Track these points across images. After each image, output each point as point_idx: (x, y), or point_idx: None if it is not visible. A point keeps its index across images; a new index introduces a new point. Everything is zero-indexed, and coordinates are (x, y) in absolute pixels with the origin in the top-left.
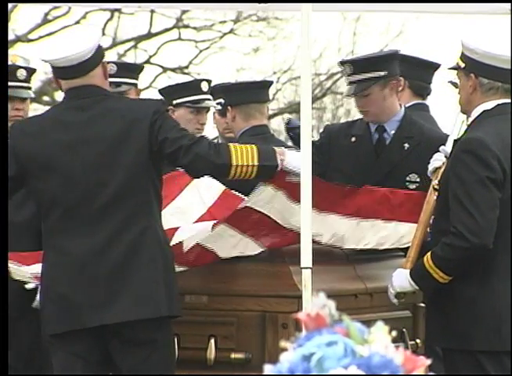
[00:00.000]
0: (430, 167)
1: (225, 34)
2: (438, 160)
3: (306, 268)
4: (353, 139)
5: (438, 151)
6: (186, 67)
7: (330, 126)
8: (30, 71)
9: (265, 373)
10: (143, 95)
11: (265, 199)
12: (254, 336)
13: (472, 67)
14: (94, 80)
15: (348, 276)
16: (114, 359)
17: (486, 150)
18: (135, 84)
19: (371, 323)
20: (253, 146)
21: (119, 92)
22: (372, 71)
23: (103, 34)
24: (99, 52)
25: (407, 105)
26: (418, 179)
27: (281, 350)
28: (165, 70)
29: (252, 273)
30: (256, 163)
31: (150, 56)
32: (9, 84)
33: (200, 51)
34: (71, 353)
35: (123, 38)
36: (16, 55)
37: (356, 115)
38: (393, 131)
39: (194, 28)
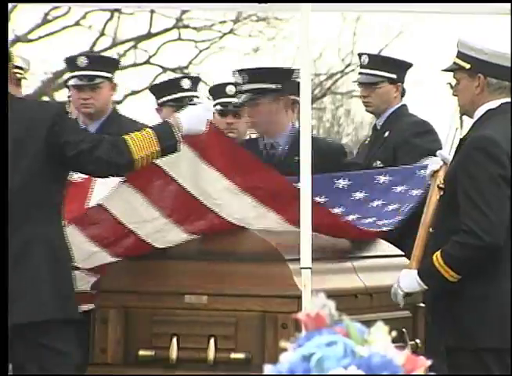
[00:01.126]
0: (428, 170)
1: (224, 34)
2: (435, 164)
3: (306, 268)
4: None
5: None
6: (186, 67)
7: None
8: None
9: (264, 373)
10: (143, 96)
11: (173, 159)
12: (253, 336)
13: (480, 68)
14: None
15: (348, 276)
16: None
17: (497, 147)
18: (110, 78)
19: (371, 323)
20: (149, 130)
21: (92, 85)
22: (262, 82)
23: (103, 34)
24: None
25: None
26: None
27: (281, 350)
28: (165, 70)
29: (252, 273)
30: (157, 148)
31: (150, 56)
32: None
33: (200, 51)
34: None
35: (123, 39)
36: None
37: (356, 115)
38: (281, 147)
39: (194, 28)
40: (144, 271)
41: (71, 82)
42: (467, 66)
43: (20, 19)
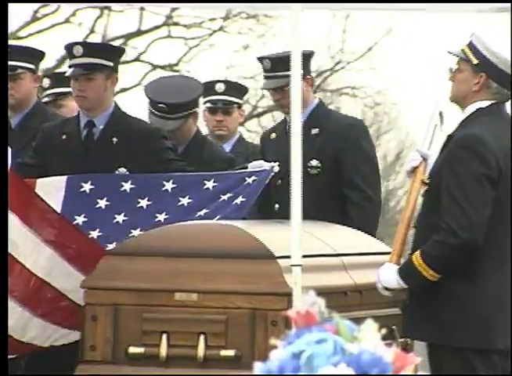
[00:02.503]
0: (408, 166)
1: (214, 31)
2: (414, 160)
3: (296, 265)
4: (64, 136)
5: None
6: (176, 65)
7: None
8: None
9: (255, 371)
10: (133, 93)
11: None
12: (243, 333)
13: (486, 68)
14: None
15: (338, 273)
16: None
17: (484, 146)
18: (32, 70)
19: (361, 320)
20: None
21: (13, 75)
22: (98, 58)
23: (93, 31)
24: None
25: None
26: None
27: (271, 348)
28: (155, 67)
29: (242, 271)
30: None
31: (140, 54)
32: None
33: (190, 48)
34: None
35: (112, 36)
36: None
37: (347, 112)
38: (102, 127)
39: (184, 26)
40: (134, 269)
41: None
42: (475, 61)
43: (10, 16)
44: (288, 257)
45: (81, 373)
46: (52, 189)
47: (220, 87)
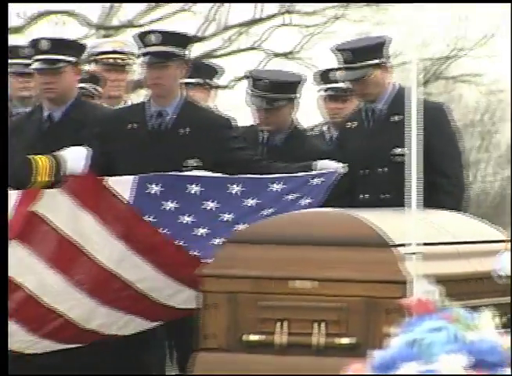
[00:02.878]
0: None
1: (333, 19)
2: None
3: (413, 253)
4: (130, 125)
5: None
6: (291, 53)
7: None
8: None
9: (371, 359)
10: None
11: (50, 203)
12: (360, 321)
13: None
14: None
15: (457, 261)
16: None
17: None
18: (74, 62)
19: (479, 308)
20: (52, 159)
21: (53, 69)
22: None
23: (209, 19)
24: None
25: None
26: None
27: (387, 336)
28: (271, 55)
29: (358, 259)
30: (51, 179)
31: (256, 42)
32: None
33: (306, 36)
34: None
35: (229, 24)
36: (120, 41)
37: (465, 100)
38: (174, 116)
39: (300, 13)
40: (250, 256)
41: (34, 66)
42: None
43: (128, 4)
44: (402, 245)
45: (199, 360)
46: (120, 188)
47: (335, 75)
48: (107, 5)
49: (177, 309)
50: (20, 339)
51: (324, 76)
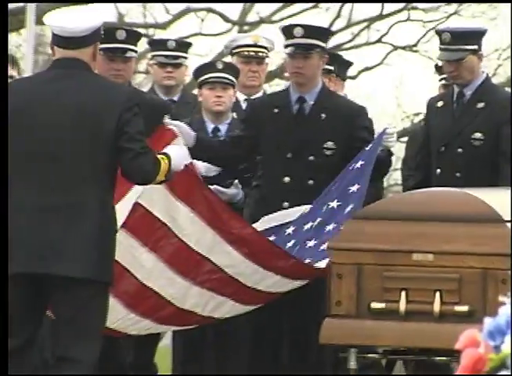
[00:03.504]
0: None
1: (450, 15)
2: None
3: None
4: (275, 109)
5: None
6: (415, 45)
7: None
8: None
9: (485, 325)
10: (376, 72)
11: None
12: (475, 291)
13: None
14: (83, 56)
15: None
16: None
17: None
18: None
19: None
20: (166, 160)
21: (124, 58)
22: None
23: (339, 16)
24: (95, 35)
25: None
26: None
27: (500, 304)
28: (395, 48)
29: (473, 233)
30: (163, 178)
31: (382, 36)
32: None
33: (427, 31)
34: (20, 291)
35: (356, 20)
36: (259, 35)
37: None
38: (312, 102)
39: (422, 10)
40: (375, 231)
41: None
42: None
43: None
44: None
45: (327, 326)
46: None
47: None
48: (244, 3)
49: (267, 293)
50: (121, 317)
51: (438, 68)
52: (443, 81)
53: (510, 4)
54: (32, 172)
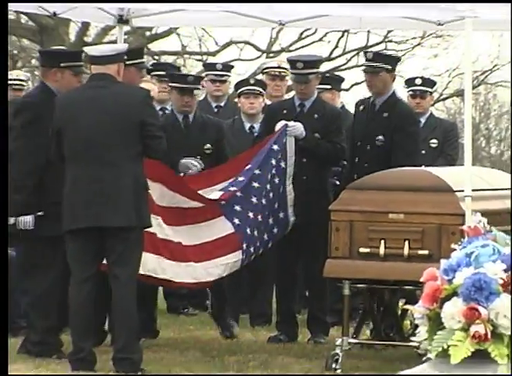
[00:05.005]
0: None
1: (415, 45)
2: None
3: (468, 196)
4: (284, 111)
5: None
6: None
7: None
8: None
9: (441, 265)
10: None
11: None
12: (434, 240)
13: None
14: (109, 70)
15: (495, 201)
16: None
17: None
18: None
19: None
20: None
21: (192, 94)
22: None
23: (337, 46)
24: (118, 56)
25: None
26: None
27: (451, 250)
28: None
29: (432, 200)
30: None
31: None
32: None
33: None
34: (79, 243)
35: (349, 49)
36: (281, 60)
37: (500, 98)
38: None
39: (395, 42)
40: (363, 198)
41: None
42: None
43: (284, 35)
44: (461, 191)
45: (329, 264)
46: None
47: (419, 81)
48: (272, 35)
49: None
50: (164, 267)
51: (406, 82)
52: (410, 92)
53: (510, 4)
54: (84, 157)
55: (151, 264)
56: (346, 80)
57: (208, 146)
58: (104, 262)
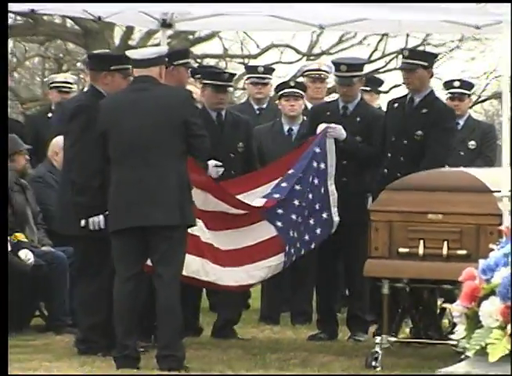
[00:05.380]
0: None
1: (452, 49)
2: None
3: (505, 196)
4: (328, 113)
5: None
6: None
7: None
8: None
9: (479, 264)
10: None
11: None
12: (472, 240)
13: None
14: (152, 73)
15: None
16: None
17: None
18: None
19: None
20: None
21: (226, 91)
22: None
23: (376, 49)
24: (160, 59)
25: None
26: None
27: (490, 250)
28: None
29: (471, 200)
30: None
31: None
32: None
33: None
34: (124, 243)
35: (388, 51)
36: (322, 62)
37: None
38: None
39: (434, 45)
40: (402, 198)
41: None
42: None
43: (325, 38)
44: (498, 191)
45: (369, 264)
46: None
47: (457, 84)
48: (312, 38)
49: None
50: (207, 270)
51: (445, 84)
52: (449, 95)
53: (510, 4)
54: (128, 159)
55: (195, 266)
56: (385, 82)
57: (241, 144)
58: (149, 262)
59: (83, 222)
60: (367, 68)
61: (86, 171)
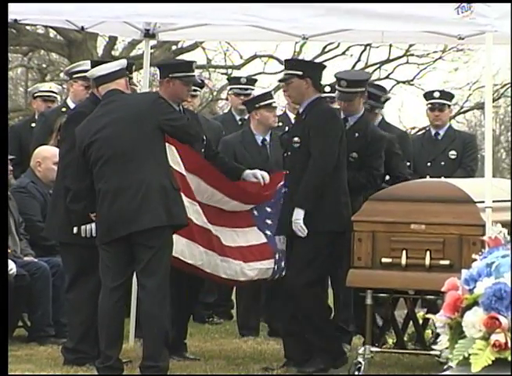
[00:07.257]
0: None
1: (436, 59)
2: None
3: (488, 207)
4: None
5: None
6: (412, 80)
7: None
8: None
9: (462, 275)
10: None
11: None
12: (454, 250)
13: None
14: (118, 86)
15: None
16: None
17: None
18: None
19: None
20: None
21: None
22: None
23: (359, 60)
24: (123, 71)
25: None
26: None
27: (472, 260)
28: (398, 82)
29: (453, 210)
30: None
31: (389, 74)
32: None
33: (420, 70)
34: (110, 254)
35: (371, 62)
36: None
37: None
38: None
39: (417, 56)
40: (385, 209)
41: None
42: None
43: (308, 50)
44: (482, 202)
45: (352, 274)
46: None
47: (437, 94)
48: (295, 49)
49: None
50: (194, 253)
51: (425, 95)
52: (429, 105)
53: (510, 4)
54: (108, 172)
55: (179, 246)
56: None
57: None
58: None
59: (75, 230)
60: None
61: (81, 178)
